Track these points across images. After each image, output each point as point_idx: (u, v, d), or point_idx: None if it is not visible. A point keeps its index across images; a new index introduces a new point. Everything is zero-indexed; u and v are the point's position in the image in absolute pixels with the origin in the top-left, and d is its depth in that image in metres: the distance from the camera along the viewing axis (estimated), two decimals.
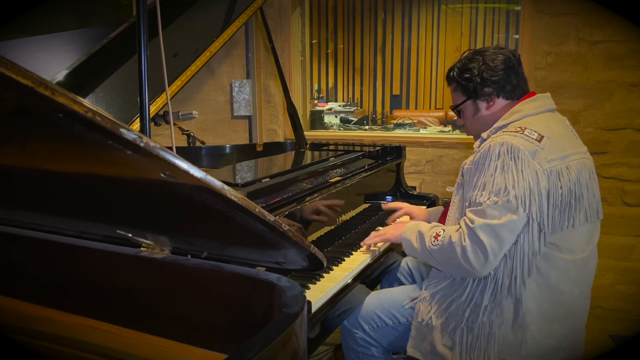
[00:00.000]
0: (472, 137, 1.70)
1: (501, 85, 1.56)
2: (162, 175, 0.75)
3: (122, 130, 0.62)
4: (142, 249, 1.11)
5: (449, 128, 4.41)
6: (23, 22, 2.56)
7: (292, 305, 0.88)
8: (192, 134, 2.48)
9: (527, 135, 1.41)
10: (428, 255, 1.52)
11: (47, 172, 0.95)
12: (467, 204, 1.47)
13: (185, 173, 0.72)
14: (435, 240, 1.49)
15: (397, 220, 2.00)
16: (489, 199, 1.38)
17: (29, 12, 2.64)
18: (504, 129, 1.49)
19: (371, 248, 1.77)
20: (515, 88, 1.57)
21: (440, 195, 2.57)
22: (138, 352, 1.05)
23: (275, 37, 2.78)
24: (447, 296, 1.52)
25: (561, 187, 1.40)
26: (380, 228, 1.80)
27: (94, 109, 0.59)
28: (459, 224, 1.47)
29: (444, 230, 1.49)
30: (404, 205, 2.03)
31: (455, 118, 1.76)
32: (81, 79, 2.06)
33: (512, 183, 1.36)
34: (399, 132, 4.17)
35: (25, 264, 1.25)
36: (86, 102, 0.58)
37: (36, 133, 0.77)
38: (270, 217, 0.87)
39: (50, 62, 2.12)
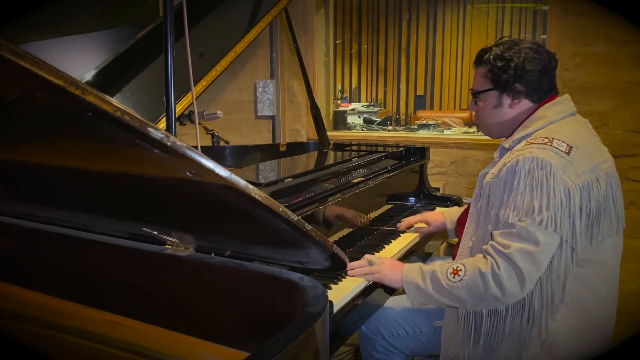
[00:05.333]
0: (496, 139, 1.64)
1: (533, 88, 1.47)
2: (188, 174, 0.76)
3: (149, 129, 0.63)
4: (166, 246, 1.12)
5: (474, 129, 4.36)
6: (53, 23, 2.62)
7: (314, 304, 0.88)
8: (216, 133, 2.50)
9: (555, 148, 1.34)
10: (446, 294, 1.39)
11: (76, 170, 0.97)
12: (498, 224, 1.37)
13: (211, 172, 0.72)
14: (456, 276, 1.38)
15: (414, 226, 1.96)
16: (521, 220, 1.30)
17: (58, 13, 2.70)
18: (529, 139, 1.41)
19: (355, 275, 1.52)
20: (544, 93, 1.48)
21: (464, 197, 2.54)
22: (161, 349, 1.07)
23: (299, 38, 2.79)
24: (475, 326, 1.44)
25: (591, 201, 1.35)
26: (374, 261, 1.53)
27: (123, 108, 0.60)
28: (482, 250, 1.39)
29: (462, 264, 1.39)
30: (417, 217, 1.99)
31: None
32: (109, 79, 2.10)
33: (546, 203, 1.29)
34: (423, 133, 4.15)
35: (53, 259, 1.27)
36: (115, 101, 0.60)
37: (65, 131, 0.79)
38: (294, 217, 0.88)
39: (79, 62, 2.17)
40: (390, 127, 5.34)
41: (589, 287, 1.39)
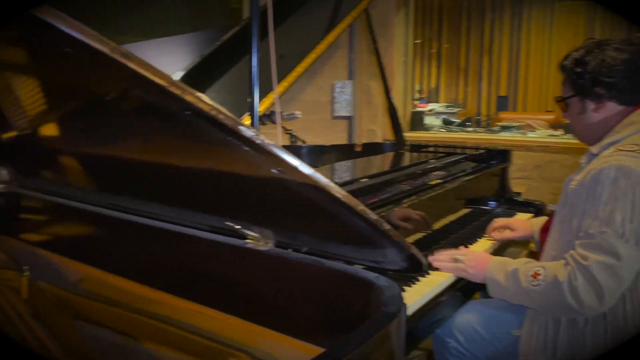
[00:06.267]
0: (591, 145, 1.57)
1: (617, 89, 1.39)
2: (273, 170, 0.79)
3: (240, 127, 0.67)
4: (247, 240, 1.16)
5: (560, 132, 4.16)
6: (146, 27, 2.78)
7: (390, 304, 0.88)
8: (294, 133, 2.55)
9: None
10: (524, 296, 1.37)
11: (167, 166, 1.03)
12: (579, 234, 1.32)
13: (295, 169, 0.75)
14: (535, 279, 1.34)
15: (496, 231, 1.91)
16: (602, 232, 1.25)
17: (148, 18, 2.86)
18: (618, 146, 1.34)
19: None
20: (634, 94, 1.40)
21: (547, 203, 2.43)
22: (239, 338, 1.10)
23: (378, 38, 2.78)
24: (553, 336, 1.39)
25: None
26: (459, 257, 1.54)
27: (218, 107, 0.63)
28: (564, 257, 1.33)
29: (544, 268, 1.35)
30: (503, 221, 1.94)
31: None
32: (196, 80, 2.20)
33: (629, 215, 1.23)
34: (505, 135, 4.01)
35: (142, 249, 1.35)
36: (210, 100, 0.63)
37: (162, 128, 0.84)
38: (373, 216, 0.89)
39: (168, 63, 2.29)
40: (470, 129, 5.20)
41: None
